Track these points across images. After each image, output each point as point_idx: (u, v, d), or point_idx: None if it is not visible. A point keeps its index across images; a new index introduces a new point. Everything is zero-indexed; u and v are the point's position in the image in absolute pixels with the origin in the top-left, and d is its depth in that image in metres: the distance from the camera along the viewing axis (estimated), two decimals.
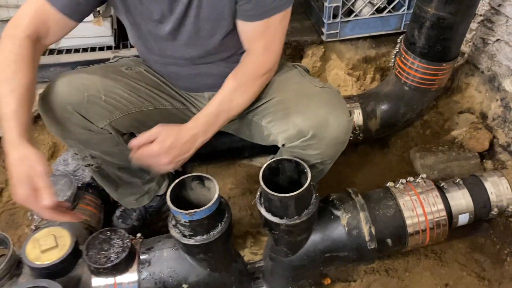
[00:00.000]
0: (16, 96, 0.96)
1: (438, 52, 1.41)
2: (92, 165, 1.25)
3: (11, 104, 0.95)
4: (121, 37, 1.76)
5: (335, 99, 1.12)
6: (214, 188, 1.02)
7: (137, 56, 1.34)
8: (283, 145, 1.16)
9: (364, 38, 1.81)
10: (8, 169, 0.93)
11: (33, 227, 1.30)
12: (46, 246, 1.10)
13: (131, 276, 1.12)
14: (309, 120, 1.07)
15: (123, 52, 1.68)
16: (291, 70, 1.24)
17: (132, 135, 1.25)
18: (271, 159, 1.49)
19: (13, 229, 1.55)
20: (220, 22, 1.09)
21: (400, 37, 1.55)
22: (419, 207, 1.20)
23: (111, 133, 1.18)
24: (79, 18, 1.09)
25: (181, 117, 1.33)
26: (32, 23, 1.03)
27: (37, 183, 0.90)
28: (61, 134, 1.17)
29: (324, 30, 1.73)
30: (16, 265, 1.12)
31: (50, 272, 1.08)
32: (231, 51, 1.19)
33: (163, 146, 1.05)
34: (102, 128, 1.16)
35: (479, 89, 1.67)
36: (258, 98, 1.22)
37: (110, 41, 1.71)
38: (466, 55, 1.72)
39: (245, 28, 1.10)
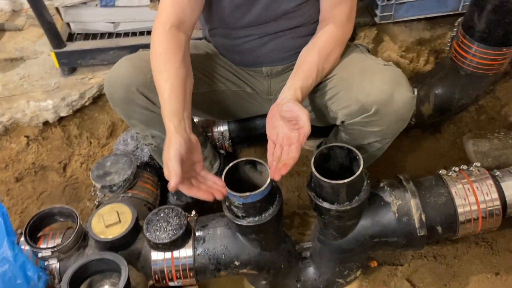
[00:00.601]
0: (169, 85, 1.05)
1: (499, 37, 1.35)
2: (152, 144, 1.30)
3: (165, 93, 1.05)
4: None
5: (400, 76, 1.11)
6: (266, 173, 1.05)
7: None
8: (343, 122, 1.17)
9: (419, 20, 1.76)
10: None
11: (96, 203, 1.39)
12: (110, 222, 1.18)
13: (187, 251, 1.19)
14: (373, 95, 1.08)
15: None
16: (353, 48, 1.25)
17: None
18: (321, 143, 1.52)
19: (76, 202, 1.67)
20: None
21: (458, 20, 1.49)
22: (471, 195, 1.18)
23: None
24: None
25: (234, 98, 1.37)
26: (172, 11, 1.11)
27: (168, 165, 0.98)
28: (125, 114, 1.23)
29: (377, 12, 1.69)
30: (83, 237, 1.21)
31: (113, 245, 1.16)
32: (302, 19, 1.21)
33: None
34: None
35: None
36: None
37: None
38: None
39: None
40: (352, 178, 1.00)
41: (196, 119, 1.60)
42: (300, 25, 1.22)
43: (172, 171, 0.96)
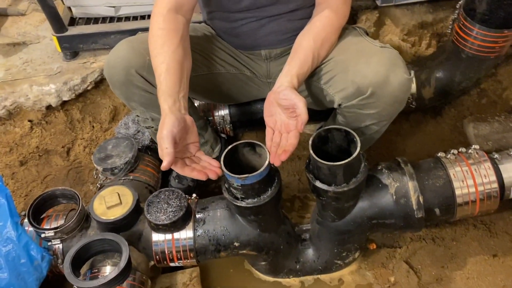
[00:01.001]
0: (165, 67, 1.06)
1: (500, 18, 1.34)
2: (152, 127, 1.31)
3: (161, 75, 1.06)
4: None
5: (396, 58, 1.11)
6: (265, 155, 1.07)
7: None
8: (340, 105, 1.18)
9: (421, 3, 1.75)
10: None
11: (98, 185, 1.41)
12: (111, 203, 1.20)
13: (187, 233, 1.21)
14: (369, 77, 1.08)
15: None
16: (350, 31, 1.25)
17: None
18: (321, 127, 1.52)
19: (79, 185, 1.69)
20: None
21: (460, 2, 1.48)
22: (469, 178, 1.19)
23: None
24: None
25: (233, 81, 1.37)
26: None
27: (160, 145, 0.99)
28: (125, 96, 1.24)
29: None
30: (85, 219, 1.23)
31: (114, 226, 1.18)
32: (300, 2, 1.21)
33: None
34: None
35: None
36: None
37: None
38: None
39: None
40: (349, 159, 1.01)
41: (197, 103, 1.61)
42: (298, 8, 1.22)
43: (164, 150, 0.98)
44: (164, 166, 0.98)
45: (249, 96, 1.47)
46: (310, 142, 1.06)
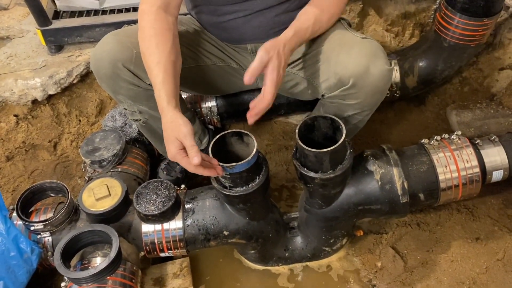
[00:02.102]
0: (162, 68, 1.06)
1: (480, 7, 1.37)
2: (140, 120, 1.31)
3: (159, 75, 1.06)
4: None
5: (376, 49, 1.13)
6: (252, 144, 1.08)
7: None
8: (323, 95, 1.20)
9: None
10: (163, 131, 1.05)
11: (87, 178, 1.41)
12: (100, 195, 1.20)
13: (177, 223, 1.22)
14: (350, 69, 1.09)
15: None
16: (334, 26, 1.25)
17: None
18: (307, 116, 1.54)
19: (67, 180, 1.68)
20: None
21: None
22: (452, 163, 1.22)
23: None
24: None
25: (220, 73, 1.38)
26: None
27: (184, 143, 1.00)
28: (112, 89, 1.24)
29: None
30: (74, 211, 1.24)
31: (104, 218, 1.19)
32: None
33: (280, 57, 1.06)
34: (149, 84, 1.20)
35: None
36: (298, 51, 1.25)
37: None
38: (511, 9, 1.66)
39: None
40: (334, 146, 1.03)
41: (184, 95, 1.61)
42: (285, 1, 1.23)
43: (193, 149, 0.98)
44: (196, 163, 0.97)
45: (236, 87, 1.48)
46: (296, 130, 1.07)
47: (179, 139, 1.00)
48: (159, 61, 1.07)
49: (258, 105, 1.05)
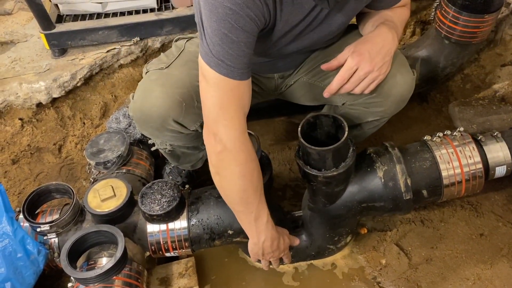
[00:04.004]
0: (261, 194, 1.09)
1: (480, 4, 1.38)
2: (166, 149, 1.30)
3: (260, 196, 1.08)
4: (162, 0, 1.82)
5: (400, 58, 1.13)
6: (255, 143, 1.09)
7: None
8: (343, 104, 1.19)
9: None
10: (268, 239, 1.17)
11: (92, 180, 1.42)
12: (105, 196, 1.22)
13: (181, 223, 1.23)
14: None
15: (166, 14, 1.74)
16: (351, 30, 1.25)
17: None
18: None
19: (72, 182, 1.69)
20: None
21: None
22: (455, 159, 1.22)
23: (198, 130, 1.22)
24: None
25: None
26: (241, 111, 1.01)
27: (284, 252, 1.24)
28: (154, 137, 1.23)
29: None
30: (80, 212, 1.25)
31: (109, 218, 1.20)
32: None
33: (363, 55, 1.02)
34: (193, 130, 1.20)
35: None
36: (317, 60, 1.25)
37: (153, 3, 1.77)
38: (511, 6, 1.66)
39: None
40: (337, 144, 1.03)
41: None
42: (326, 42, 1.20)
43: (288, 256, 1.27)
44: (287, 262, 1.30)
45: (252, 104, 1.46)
46: (299, 128, 1.08)
47: (281, 251, 1.22)
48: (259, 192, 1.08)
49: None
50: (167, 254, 1.28)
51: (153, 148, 1.45)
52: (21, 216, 1.22)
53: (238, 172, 1.01)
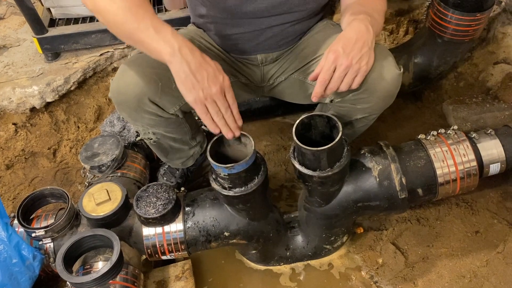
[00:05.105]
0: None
1: (472, 2, 1.38)
2: (152, 139, 1.30)
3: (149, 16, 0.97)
4: (156, 2, 1.82)
5: (386, 53, 1.13)
6: (250, 144, 1.09)
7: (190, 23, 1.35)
8: (331, 101, 1.20)
9: None
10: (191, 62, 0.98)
11: (87, 183, 1.42)
12: (100, 200, 1.21)
13: (177, 225, 1.23)
14: None
15: (159, 16, 1.73)
16: (336, 28, 1.26)
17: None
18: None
19: (67, 186, 1.69)
20: None
21: None
22: (449, 158, 1.22)
23: (178, 115, 1.23)
24: None
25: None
26: None
27: (227, 94, 1.02)
28: (133, 119, 1.22)
29: None
30: (75, 217, 1.24)
31: (105, 222, 1.19)
32: (308, 10, 1.21)
33: (338, 52, 1.02)
34: (172, 114, 1.20)
35: None
36: (305, 57, 1.26)
37: None
38: (503, 3, 1.67)
39: None
40: (331, 144, 1.03)
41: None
42: (298, 10, 1.21)
43: (235, 105, 1.03)
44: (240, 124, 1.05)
45: (242, 100, 1.46)
46: (293, 129, 1.08)
47: (222, 87, 1.00)
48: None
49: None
50: (164, 257, 1.27)
51: (137, 138, 1.44)
52: (16, 221, 1.22)
53: None
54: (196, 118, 1.56)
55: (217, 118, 1.03)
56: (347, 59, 1.02)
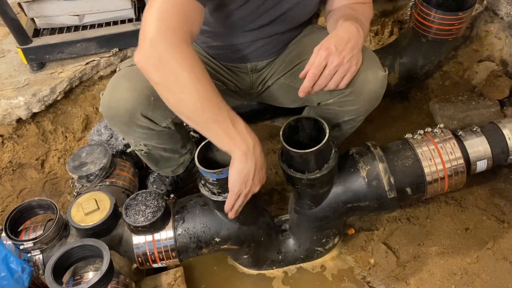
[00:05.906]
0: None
1: (453, 1, 1.40)
2: (142, 150, 1.29)
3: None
4: (140, 10, 1.81)
5: (370, 55, 1.14)
6: None
7: None
8: (318, 104, 1.20)
9: None
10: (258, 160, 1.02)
11: (75, 194, 1.41)
12: (89, 209, 1.20)
13: (167, 233, 1.22)
14: None
15: None
16: (321, 31, 1.27)
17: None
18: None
19: (56, 197, 1.67)
20: None
21: None
22: (437, 156, 1.23)
23: (170, 127, 1.22)
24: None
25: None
26: (184, 25, 0.95)
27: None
28: (124, 133, 1.21)
29: None
30: (64, 227, 1.23)
31: (94, 232, 1.18)
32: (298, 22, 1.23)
33: (330, 49, 1.02)
34: (164, 126, 1.20)
35: (499, 36, 1.65)
36: (291, 61, 1.26)
37: (131, 13, 1.76)
38: (485, 2, 1.69)
39: None
40: (319, 146, 1.04)
41: None
42: (292, 29, 1.22)
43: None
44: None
45: (231, 106, 1.45)
46: (281, 132, 1.08)
47: (261, 182, 1.06)
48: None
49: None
50: (155, 265, 1.27)
51: (128, 150, 1.43)
52: (3, 234, 1.20)
53: (187, 77, 0.91)
54: (190, 131, 1.55)
55: (239, 204, 1.08)
56: (339, 57, 1.02)
